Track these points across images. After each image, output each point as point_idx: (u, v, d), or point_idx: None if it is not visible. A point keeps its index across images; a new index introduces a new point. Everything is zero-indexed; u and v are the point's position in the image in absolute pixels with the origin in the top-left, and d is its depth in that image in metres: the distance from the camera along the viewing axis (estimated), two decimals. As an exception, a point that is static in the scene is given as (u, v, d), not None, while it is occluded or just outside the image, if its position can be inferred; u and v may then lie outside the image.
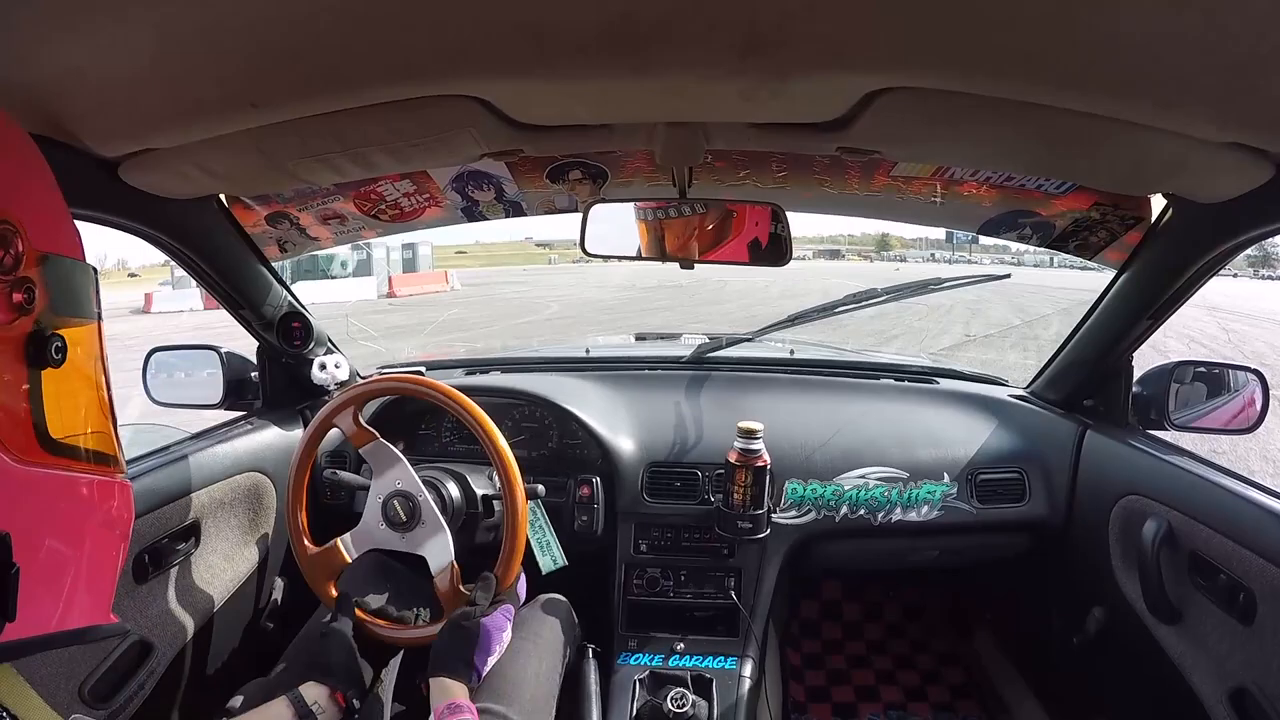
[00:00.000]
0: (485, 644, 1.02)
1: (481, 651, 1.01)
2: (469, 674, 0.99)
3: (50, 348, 0.52)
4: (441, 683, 0.97)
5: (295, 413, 1.63)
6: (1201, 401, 1.44)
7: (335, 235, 1.55)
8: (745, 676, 1.40)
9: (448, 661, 0.99)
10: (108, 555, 0.58)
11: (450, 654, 1.00)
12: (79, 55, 0.70)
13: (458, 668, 0.98)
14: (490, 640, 1.03)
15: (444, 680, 0.97)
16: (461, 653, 1.00)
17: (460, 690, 0.96)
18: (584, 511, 1.55)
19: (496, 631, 1.05)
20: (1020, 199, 1.33)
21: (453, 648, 1.01)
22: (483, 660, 1.02)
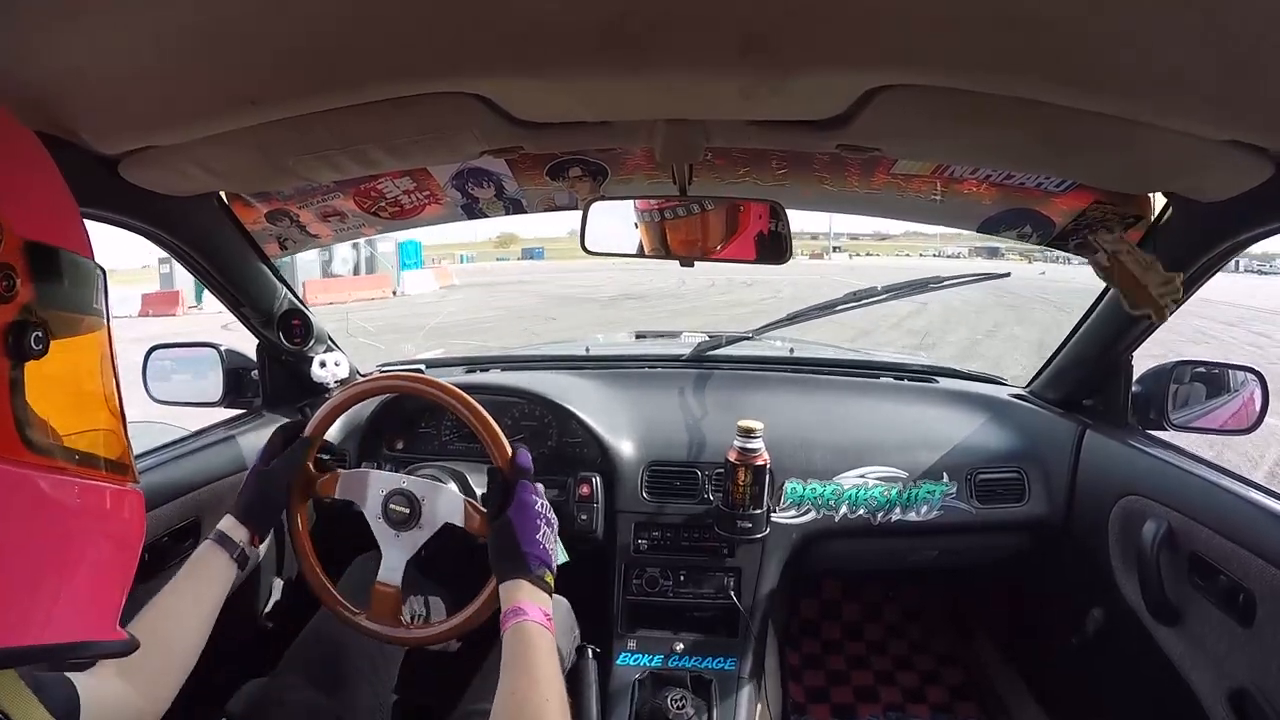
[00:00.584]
0: (524, 529, 0.96)
1: (525, 536, 0.95)
2: (524, 565, 0.92)
3: (29, 337, 0.49)
4: (504, 588, 0.92)
5: (295, 410, 1.63)
6: (1201, 401, 1.44)
7: (335, 232, 1.55)
8: (744, 677, 1.40)
9: (500, 565, 0.94)
10: (109, 566, 0.56)
11: (498, 558, 0.95)
12: (79, 53, 0.70)
13: (510, 566, 0.93)
14: (526, 520, 0.97)
15: (505, 585, 0.92)
16: (505, 552, 0.94)
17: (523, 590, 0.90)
18: (583, 510, 1.55)
19: (526, 511, 0.98)
20: (1020, 197, 1.33)
21: (496, 551, 0.96)
22: (531, 542, 0.95)
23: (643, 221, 1.21)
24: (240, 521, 1.00)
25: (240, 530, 1.00)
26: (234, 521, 1.00)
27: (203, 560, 0.96)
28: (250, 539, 1.00)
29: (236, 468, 1.40)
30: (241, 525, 1.00)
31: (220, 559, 0.96)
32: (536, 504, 0.99)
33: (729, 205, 1.21)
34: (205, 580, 0.94)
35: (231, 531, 0.99)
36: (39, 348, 0.49)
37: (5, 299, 0.48)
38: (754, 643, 1.47)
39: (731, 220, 1.19)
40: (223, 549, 0.97)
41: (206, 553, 0.96)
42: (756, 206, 1.19)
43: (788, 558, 1.54)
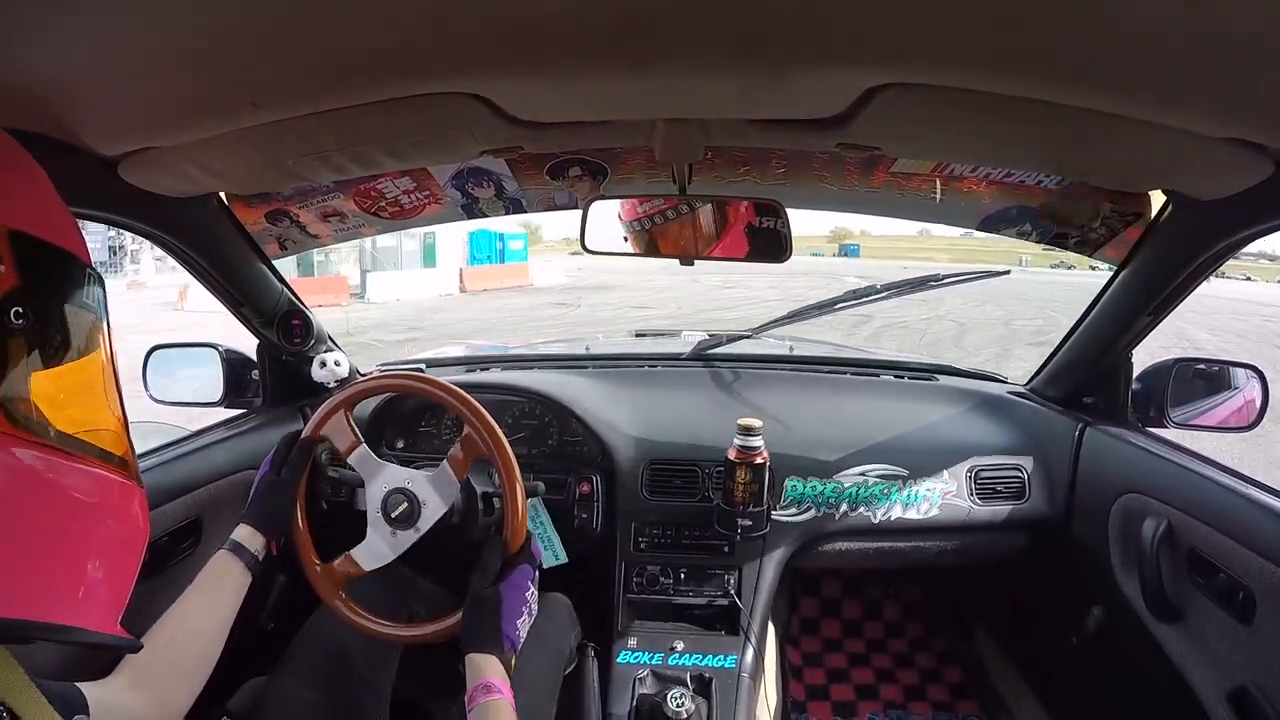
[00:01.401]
0: (509, 609, 0.96)
1: (508, 617, 0.96)
2: (500, 644, 0.93)
3: (8, 313, 0.50)
4: (473, 660, 0.92)
5: (295, 410, 1.63)
6: (1201, 399, 1.44)
7: (335, 233, 1.55)
8: (744, 675, 1.40)
9: (475, 637, 0.94)
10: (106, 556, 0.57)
11: (476, 629, 0.95)
12: (79, 54, 0.70)
13: (485, 641, 0.93)
14: (513, 604, 0.97)
15: (475, 657, 0.92)
16: (486, 625, 0.95)
17: (492, 665, 0.91)
18: (584, 509, 1.55)
19: (518, 593, 0.99)
20: (1020, 195, 1.33)
21: (477, 622, 0.96)
22: (511, 626, 0.96)
23: (630, 231, 1.21)
24: (257, 530, 1.00)
25: (256, 539, 1.00)
26: (250, 531, 1.00)
27: (217, 570, 0.95)
28: (267, 545, 1.01)
29: (237, 468, 1.41)
30: (258, 534, 1.00)
31: (235, 568, 0.96)
32: (529, 590, 1.01)
33: (715, 204, 1.20)
34: (220, 590, 0.94)
35: (247, 541, 0.99)
36: (19, 322, 0.50)
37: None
38: (754, 640, 1.47)
39: (720, 217, 1.19)
40: (237, 558, 0.97)
41: (221, 562, 0.96)
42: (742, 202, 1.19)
43: (788, 556, 1.54)
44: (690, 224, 1.19)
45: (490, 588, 0.98)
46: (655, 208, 1.20)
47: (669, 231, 1.20)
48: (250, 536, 0.99)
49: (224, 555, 0.97)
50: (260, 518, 1.02)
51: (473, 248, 25.20)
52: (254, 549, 0.99)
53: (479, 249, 25.55)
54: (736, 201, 1.19)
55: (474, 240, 25.13)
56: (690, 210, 1.19)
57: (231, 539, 0.99)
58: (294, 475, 1.08)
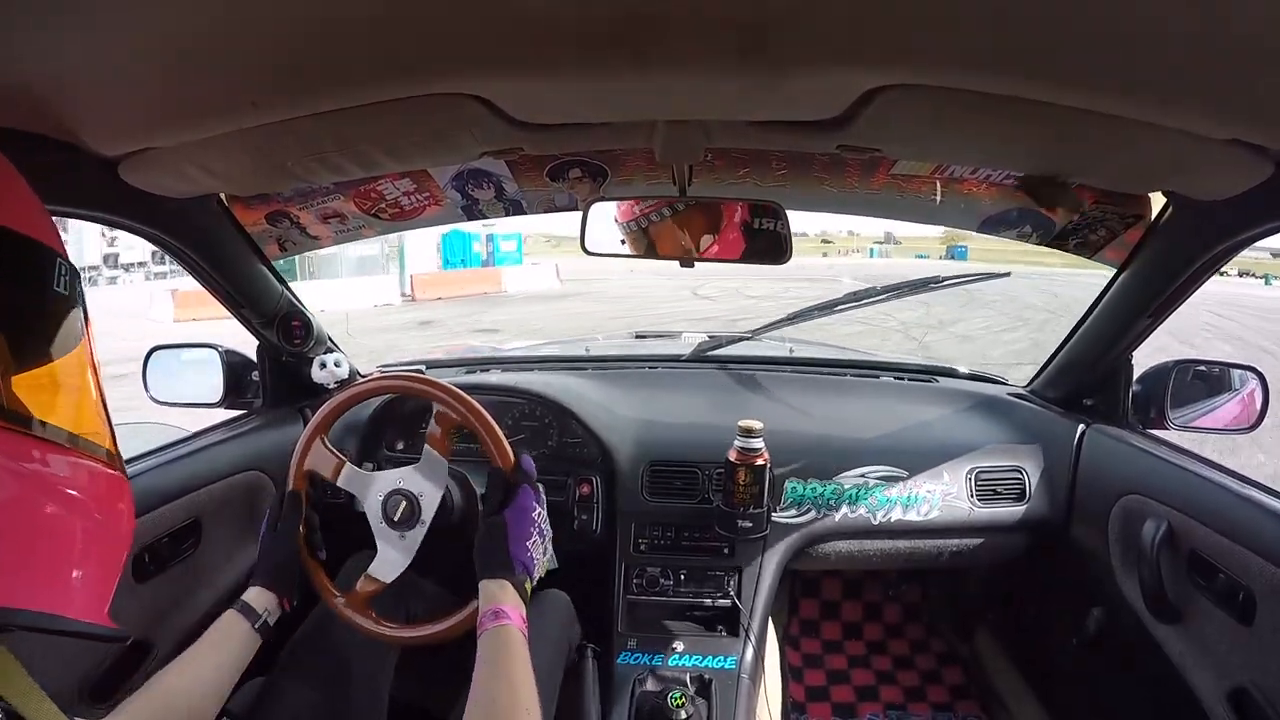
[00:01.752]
0: (516, 532, 0.96)
1: (517, 538, 0.95)
2: (508, 567, 0.92)
3: None
4: (485, 586, 0.91)
5: (295, 411, 1.63)
6: (1201, 401, 1.44)
7: (335, 234, 1.55)
8: (744, 676, 1.40)
9: (483, 564, 0.94)
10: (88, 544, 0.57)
11: (485, 554, 0.95)
12: (79, 54, 0.70)
13: (496, 565, 0.93)
14: (520, 527, 0.97)
15: (487, 583, 0.91)
16: (493, 551, 0.94)
17: (505, 591, 0.90)
18: (584, 510, 1.55)
19: (523, 515, 0.98)
20: (1020, 197, 1.33)
21: (486, 547, 0.95)
22: (520, 547, 0.95)
23: (627, 232, 1.21)
24: (266, 588, 1.00)
25: (265, 598, 0.99)
26: (258, 591, 0.99)
27: (221, 629, 0.94)
28: (280, 603, 1.00)
29: (237, 469, 1.41)
30: (267, 591, 0.99)
31: (242, 629, 0.95)
32: (535, 511, 1.00)
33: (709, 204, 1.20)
34: (225, 650, 0.93)
35: (254, 601, 0.98)
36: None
37: None
38: (754, 642, 1.47)
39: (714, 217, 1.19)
40: (244, 619, 0.96)
41: (228, 623, 0.95)
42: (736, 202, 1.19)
43: (788, 557, 1.54)
44: (688, 224, 1.19)
45: (496, 514, 0.98)
46: (651, 206, 1.20)
47: (666, 233, 1.20)
48: (259, 596, 0.99)
49: (231, 615, 0.96)
50: (268, 576, 1.02)
51: (445, 251, 24.26)
52: (261, 608, 0.97)
53: (451, 252, 24.33)
54: (733, 203, 1.19)
55: (446, 243, 24.10)
56: (686, 208, 1.19)
57: (241, 600, 0.98)
58: (290, 527, 1.07)
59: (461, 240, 24.34)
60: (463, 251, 24.52)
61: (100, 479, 0.58)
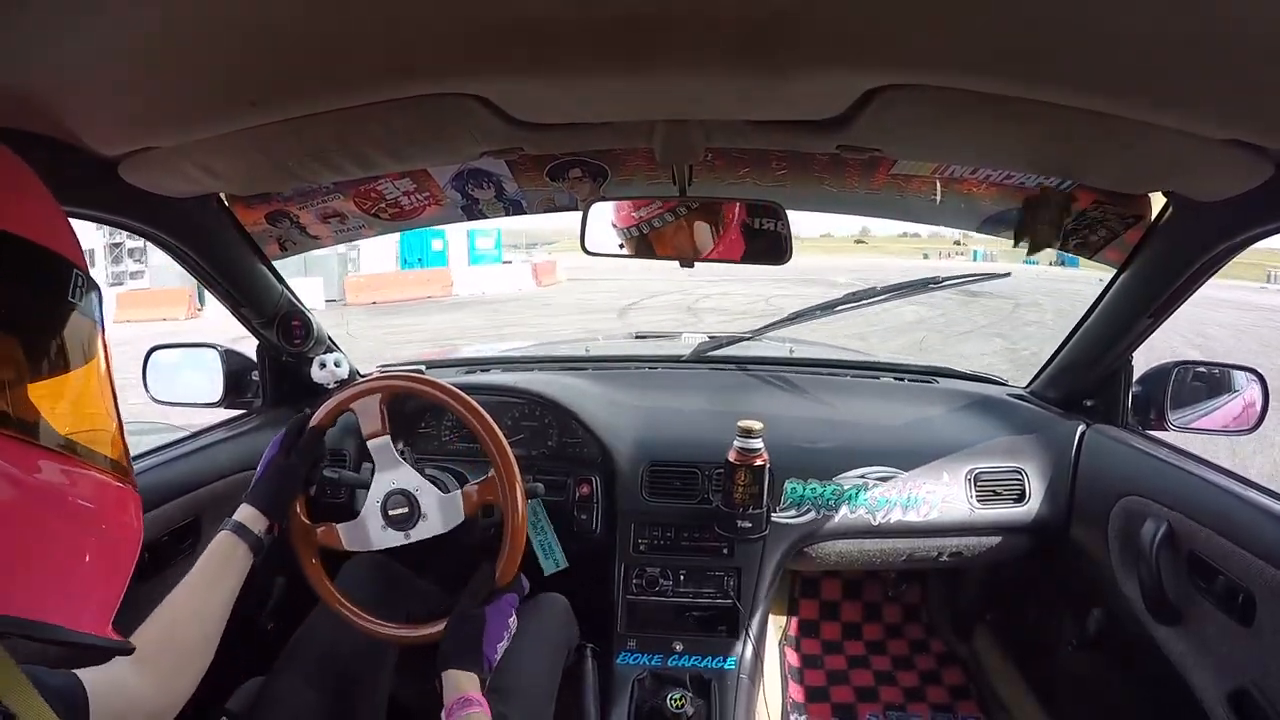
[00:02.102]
0: (492, 632, 1.00)
1: (490, 640, 0.99)
2: (479, 664, 0.97)
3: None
4: (452, 676, 0.95)
5: (296, 411, 1.63)
6: (1201, 402, 1.44)
7: (335, 234, 1.55)
8: (744, 676, 1.40)
9: (456, 654, 0.97)
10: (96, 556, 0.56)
11: (457, 647, 0.98)
12: (79, 54, 0.70)
13: (466, 659, 0.96)
14: (496, 628, 1.01)
15: (454, 673, 0.95)
16: (468, 644, 0.98)
17: (471, 682, 0.94)
18: (583, 510, 1.55)
19: (501, 618, 1.02)
20: (1020, 197, 1.33)
21: (459, 640, 0.99)
22: (491, 648, 0.99)
23: (626, 237, 1.21)
24: (261, 512, 1.01)
25: (260, 520, 1.01)
26: (253, 512, 1.01)
27: (220, 551, 0.96)
28: (270, 528, 1.02)
29: (237, 468, 1.41)
30: (262, 516, 1.01)
31: (239, 549, 0.97)
32: (511, 618, 1.04)
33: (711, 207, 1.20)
34: (222, 571, 0.95)
35: (250, 522, 0.99)
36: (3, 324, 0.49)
37: None
38: (754, 642, 1.47)
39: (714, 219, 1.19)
40: (241, 539, 0.97)
41: (224, 543, 0.97)
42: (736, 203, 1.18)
43: (788, 557, 1.54)
44: (688, 227, 1.19)
45: (477, 609, 1.02)
46: (652, 212, 1.19)
47: (666, 235, 1.20)
48: (254, 518, 1.00)
49: (227, 536, 0.97)
50: (265, 500, 1.03)
51: (403, 249, 22.41)
52: (257, 530, 0.99)
53: (409, 250, 22.34)
54: (733, 203, 1.19)
55: (405, 240, 22.09)
56: (687, 211, 1.18)
57: (234, 520, 0.99)
58: (302, 460, 1.09)
59: (419, 237, 22.15)
60: (420, 250, 22.50)
61: (109, 491, 0.58)
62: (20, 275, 0.52)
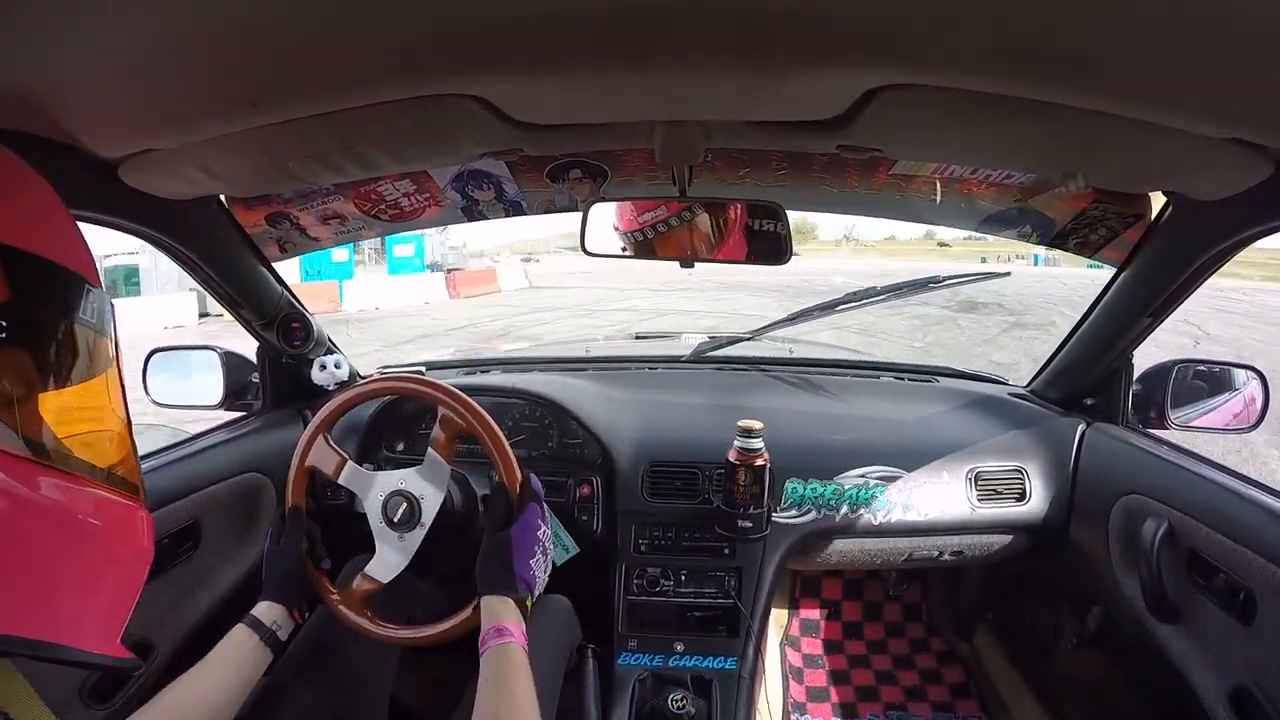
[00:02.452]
0: (522, 550, 0.96)
1: (521, 556, 0.95)
2: (512, 585, 0.93)
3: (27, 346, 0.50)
4: (488, 602, 0.91)
5: (295, 413, 1.63)
6: (1201, 400, 1.44)
7: (335, 235, 1.55)
8: (745, 676, 1.40)
9: (489, 578, 0.95)
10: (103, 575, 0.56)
11: (488, 570, 0.95)
12: (78, 56, 0.70)
13: (499, 582, 0.94)
14: (526, 543, 0.97)
15: (490, 599, 0.92)
16: (500, 565, 0.95)
17: (506, 608, 0.91)
18: (584, 511, 1.55)
19: (529, 532, 0.98)
20: (1020, 196, 1.33)
21: (490, 563, 0.96)
22: (524, 565, 0.95)
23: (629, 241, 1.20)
24: (275, 601, 1.00)
25: (274, 611, 0.99)
26: (267, 604, 1.00)
27: (232, 644, 0.95)
28: (289, 615, 1.01)
29: (237, 470, 1.41)
30: (276, 605, 1.00)
31: (251, 643, 0.96)
32: (540, 529, 1.00)
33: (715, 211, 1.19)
34: (235, 664, 0.93)
35: (263, 614, 0.98)
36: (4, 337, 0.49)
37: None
38: (755, 642, 1.47)
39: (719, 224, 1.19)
40: (254, 632, 0.96)
41: (238, 637, 0.96)
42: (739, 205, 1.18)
43: (788, 557, 1.54)
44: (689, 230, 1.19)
45: (501, 531, 0.98)
46: (656, 216, 1.19)
47: (670, 238, 1.20)
48: (268, 609, 0.99)
49: (241, 629, 0.96)
50: (276, 589, 1.02)
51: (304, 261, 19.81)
52: (270, 621, 0.98)
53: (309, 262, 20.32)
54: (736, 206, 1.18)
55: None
56: (692, 217, 1.18)
57: (250, 614, 0.98)
58: (294, 540, 1.08)
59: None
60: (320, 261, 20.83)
61: (117, 510, 0.58)
62: (30, 292, 0.52)
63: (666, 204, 1.18)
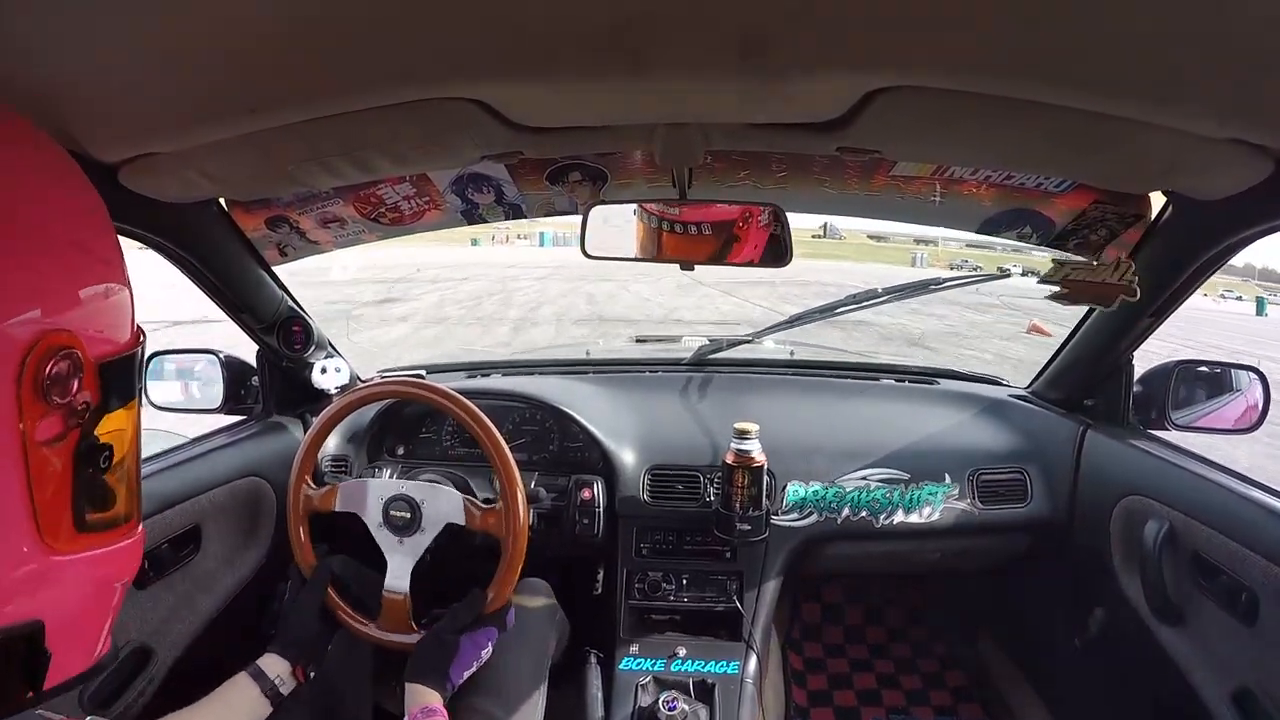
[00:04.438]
0: (462, 659, 1.04)
1: (458, 666, 1.03)
2: (443, 685, 1.00)
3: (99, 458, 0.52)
4: (416, 688, 0.98)
5: (296, 417, 1.63)
6: (1202, 401, 1.44)
7: (335, 239, 1.55)
8: (747, 681, 1.40)
9: (423, 670, 1.00)
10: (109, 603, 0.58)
11: (427, 664, 1.01)
12: (79, 60, 0.70)
13: (431, 678, 1.00)
14: (467, 656, 1.05)
15: (418, 687, 0.98)
16: (438, 665, 1.02)
17: (433, 696, 0.98)
18: (585, 515, 1.55)
19: (475, 649, 1.06)
20: (1020, 197, 1.33)
21: (429, 658, 1.02)
22: (458, 674, 1.03)
23: (643, 222, 1.21)
24: (282, 656, 1.01)
25: (278, 665, 1.00)
26: (274, 658, 1.01)
27: (231, 691, 0.96)
28: (293, 672, 1.02)
29: (237, 474, 1.40)
30: (282, 659, 1.01)
31: (251, 693, 0.96)
32: (487, 649, 1.08)
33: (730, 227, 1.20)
34: (233, 713, 0.94)
35: (268, 667, 0.99)
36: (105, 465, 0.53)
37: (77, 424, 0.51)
38: (757, 646, 1.46)
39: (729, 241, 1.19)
40: (255, 683, 0.97)
41: (238, 686, 0.97)
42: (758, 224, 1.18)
43: (790, 561, 1.53)
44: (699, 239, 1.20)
45: (453, 634, 1.05)
46: (679, 215, 1.20)
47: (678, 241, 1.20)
48: (274, 663, 1.00)
49: (243, 678, 0.97)
50: (285, 644, 1.03)
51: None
52: (273, 675, 0.99)
53: None
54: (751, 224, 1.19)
55: None
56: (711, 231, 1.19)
57: (255, 664, 0.99)
58: (315, 593, 1.10)
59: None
60: None
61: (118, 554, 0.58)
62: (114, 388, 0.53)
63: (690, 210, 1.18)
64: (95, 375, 0.51)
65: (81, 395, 0.50)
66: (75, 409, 0.50)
